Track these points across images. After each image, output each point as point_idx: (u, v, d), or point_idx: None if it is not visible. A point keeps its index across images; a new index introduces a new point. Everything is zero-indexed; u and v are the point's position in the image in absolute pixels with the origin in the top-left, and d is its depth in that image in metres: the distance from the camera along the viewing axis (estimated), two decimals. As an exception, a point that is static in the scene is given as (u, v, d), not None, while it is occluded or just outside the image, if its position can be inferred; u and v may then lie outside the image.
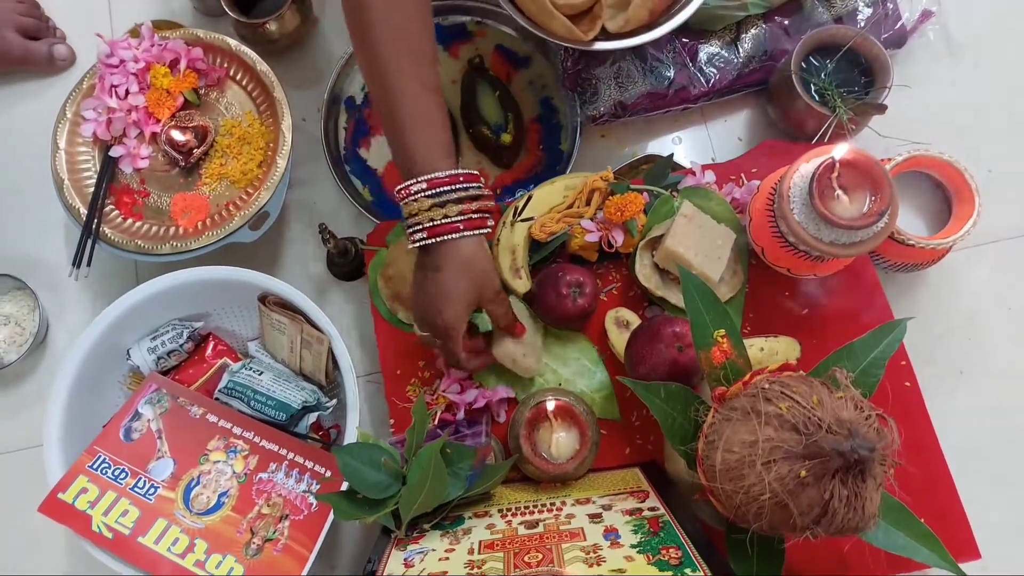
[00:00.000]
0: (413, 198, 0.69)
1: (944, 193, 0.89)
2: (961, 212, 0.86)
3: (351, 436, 0.78)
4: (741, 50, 0.94)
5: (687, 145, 0.97)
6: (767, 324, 0.85)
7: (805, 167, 0.74)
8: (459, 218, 0.69)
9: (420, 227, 0.70)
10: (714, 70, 0.94)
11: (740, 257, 0.84)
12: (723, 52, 0.94)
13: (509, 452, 0.78)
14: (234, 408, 0.84)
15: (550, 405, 0.74)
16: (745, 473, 0.57)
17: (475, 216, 0.70)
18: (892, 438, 0.55)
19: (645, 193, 0.82)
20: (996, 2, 1.00)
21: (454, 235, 0.69)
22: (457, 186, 0.69)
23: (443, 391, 0.82)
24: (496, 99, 0.96)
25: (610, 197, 0.81)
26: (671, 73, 0.93)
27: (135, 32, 0.92)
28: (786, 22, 0.95)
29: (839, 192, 0.73)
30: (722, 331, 0.67)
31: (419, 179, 0.69)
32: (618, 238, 0.81)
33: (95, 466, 0.80)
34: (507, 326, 0.77)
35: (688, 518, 0.65)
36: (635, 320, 0.83)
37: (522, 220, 0.83)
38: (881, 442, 0.55)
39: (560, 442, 0.75)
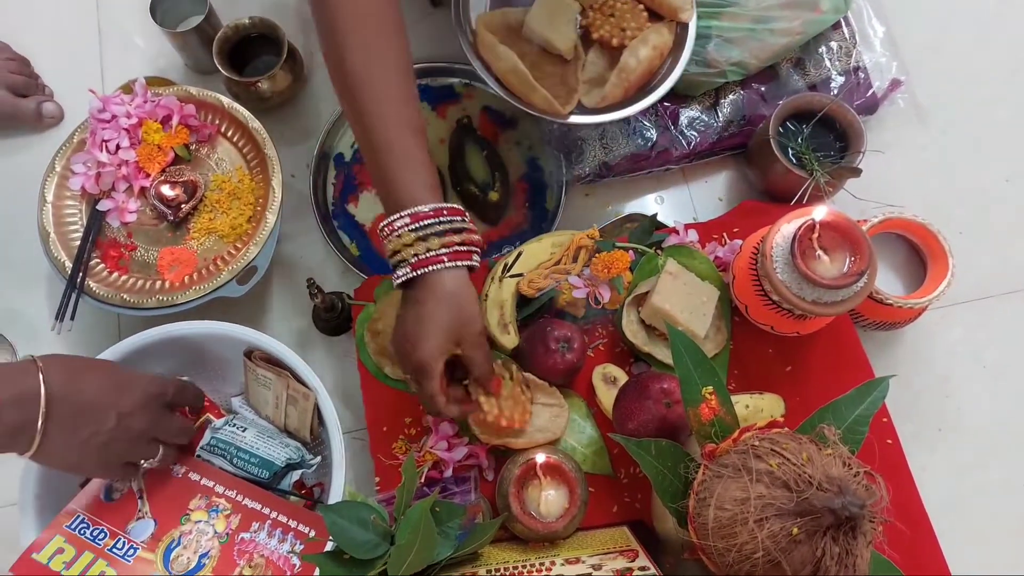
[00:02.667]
0: (396, 233, 0.68)
1: (919, 254, 0.92)
2: (936, 273, 0.89)
3: (336, 494, 0.77)
4: (720, 114, 0.98)
5: (669, 204, 0.99)
6: (751, 381, 0.86)
7: (787, 227, 0.77)
8: (443, 251, 0.68)
9: (404, 263, 0.68)
10: (695, 133, 0.97)
11: (724, 314, 0.86)
12: (703, 116, 0.98)
13: (497, 510, 0.77)
14: (216, 466, 0.83)
15: (540, 460, 0.74)
16: (737, 531, 0.57)
17: (460, 248, 0.68)
18: (881, 495, 0.56)
19: (631, 251, 0.84)
20: (960, 72, 1.04)
21: (437, 266, 0.67)
22: (441, 219, 0.68)
23: (431, 448, 0.81)
24: (483, 158, 0.98)
25: (597, 255, 0.82)
26: (653, 135, 0.96)
27: (128, 88, 0.93)
28: (763, 88, 0.99)
29: (820, 252, 0.75)
30: (710, 388, 0.68)
31: (402, 214, 0.68)
32: (605, 295, 0.82)
33: (72, 526, 0.77)
34: (482, 376, 0.73)
35: (679, 578, 0.64)
36: (622, 376, 0.84)
37: (511, 276, 0.84)
38: (871, 499, 0.55)
39: (549, 500, 0.75)
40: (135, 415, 0.67)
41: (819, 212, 0.74)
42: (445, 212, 0.69)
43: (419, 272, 0.68)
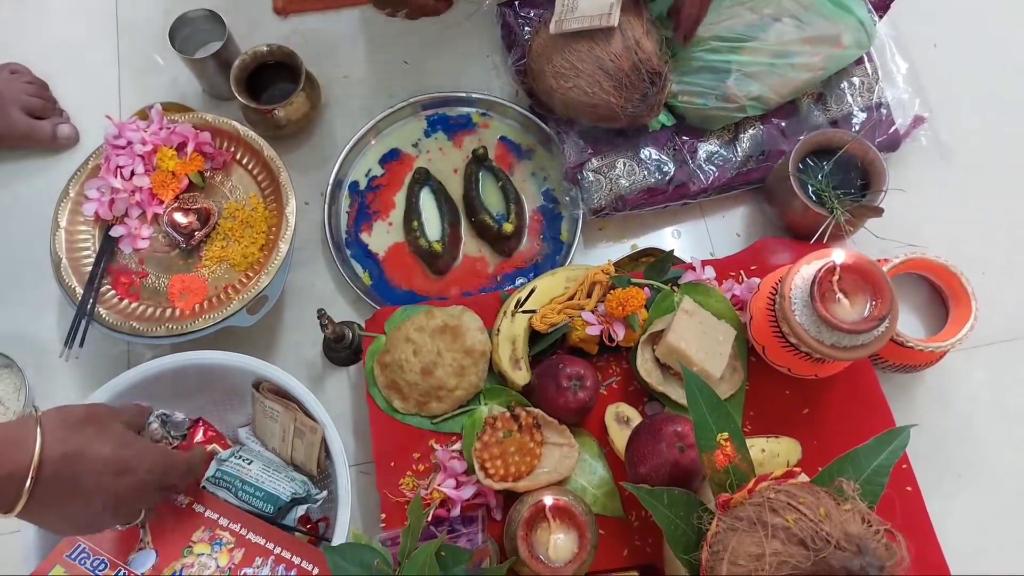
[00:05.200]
0: None
1: (941, 296, 0.90)
2: (958, 315, 0.87)
3: (341, 530, 0.75)
4: (739, 149, 0.96)
5: (686, 239, 0.98)
6: (767, 423, 0.84)
7: (806, 269, 0.75)
8: None
9: None
10: (713, 168, 0.96)
11: (740, 354, 0.84)
12: (722, 151, 0.96)
13: (504, 552, 0.76)
14: (220, 498, 0.82)
15: (548, 502, 0.72)
16: (752, 588, 0.56)
17: None
18: (901, 556, 0.54)
19: (646, 288, 0.82)
20: (984, 109, 1.03)
21: None
22: None
23: (438, 486, 0.80)
24: (499, 189, 0.97)
25: (611, 291, 0.81)
26: (671, 169, 0.95)
27: (144, 114, 0.93)
28: (783, 124, 0.97)
29: (840, 296, 0.73)
30: (725, 434, 0.67)
31: None
32: (619, 332, 0.81)
33: (73, 556, 0.77)
34: None
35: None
36: (636, 417, 0.82)
37: (523, 311, 0.83)
38: (890, 560, 0.53)
39: (559, 544, 0.73)
40: (129, 500, 0.65)
41: (839, 255, 0.73)
42: None
43: None
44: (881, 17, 1.00)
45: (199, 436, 0.86)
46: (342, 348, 0.91)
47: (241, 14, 1.02)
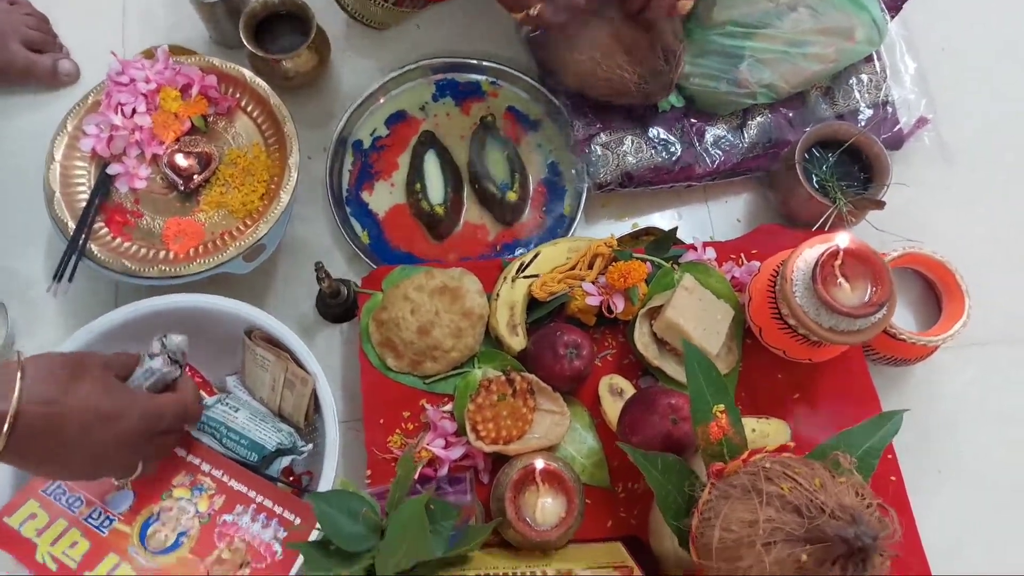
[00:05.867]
0: None
1: (935, 292, 0.91)
2: (951, 311, 0.87)
3: (327, 484, 0.74)
4: (746, 135, 0.97)
5: (687, 221, 0.98)
6: (758, 405, 0.84)
7: (809, 252, 0.75)
8: None
9: None
10: (719, 152, 0.96)
11: (736, 335, 0.84)
12: (729, 136, 0.97)
13: (491, 514, 0.75)
14: (204, 444, 0.81)
15: (539, 466, 0.72)
16: (743, 554, 0.56)
17: None
18: (894, 528, 0.54)
19: (647, 263, 0.82)
20: (989, 113, 1.04)
21: None
22: None
23: (427, 445, 0.79)
24: (504, 158, 0.97)
25: (613, 263, 0.81)
26: (678, 150, 0.95)
27: (149, 53, 0.92)
28: (790, 114, 0.98)
29: (841, 280, 0.74)
30: (721, 406, 0.67)
31: None
32: (619, 304, 0.81)
33: (48, 491, 0.75)
34: None
35: (675, 598, 0.62)
36: (630, 389, 0.82)
37: (525, 276, 0.82)
38: (883, 532, 0.54)
39: (546, 508, 0.73)
40: (119, 451, 0.64)
41: (843, 239, 0.73)
42: None
43: None
44: (893, 17, 1.01)
45: (185, 381, 0.85)
46: (337, 304, 0.90)
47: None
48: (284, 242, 0.93)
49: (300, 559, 0.73)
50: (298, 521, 0.76)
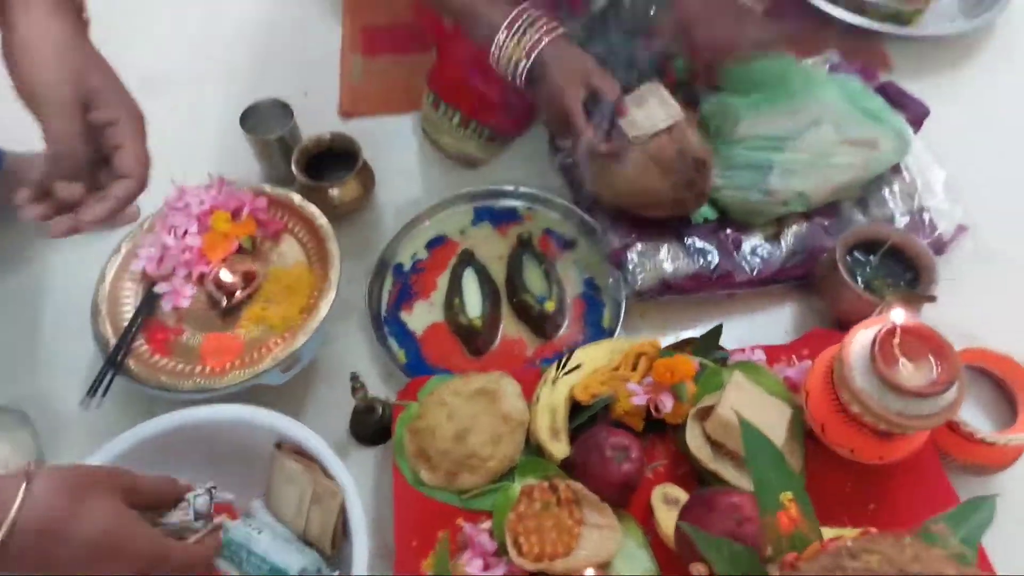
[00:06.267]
0: (502, 51, 0.88)
1: (1005, 391, 0.85)
2: (1028, 409, 0.81)
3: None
4: (783, 244, 0.96)
5: (731, 334, 0.93)
6: (829, 516, 0.76)
7: (864, 334, 0.72)
8: (537, 34, 0.86)
9: (519, 62, 0.87)
10: (758, 259, 0.95)
11: (796, 436, 0.79)
12: (766, 245, 0.96)
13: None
14: (222, 572, 0.75)
15: (589, 574, 0.65)
16: (829, 640, 0.48)
17: (547, 27, 0.87)
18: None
19: (694, 361, 0.79)
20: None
21: (541, 43, 0.86)
22: (524, 17, 0.87)
23: (464, 565, 0.72)
24: (542, 272, 0.97)
25: (659, 359, 0.78)
26: (715, 259, 0.94)
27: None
28: (826, 223, 0.98)
29: (902, 360, 0.70)
30: (789, 494, 0.61)
31: (497, 36, 0.87)
32: (667, 403, 0.77)
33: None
34: (611, 93, 0.87)
35: None
36: (685, 497, 0.75)
37: (566, 373, 0.79)
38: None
39: (598, 625, 0.65)
40: None
41: (898, 315, 0.70)
42: (522, 12, 0.87)
43: (531, 57, 0.87)
44: (916, 132, 1.03)
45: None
46: (371, 422, 0.87)
47: (307, 114, 1.07)
48: (320, 364, 0.93)
49: None
50: (323, 651, 0.69)
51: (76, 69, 0.63)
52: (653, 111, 0.90)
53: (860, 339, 0.72)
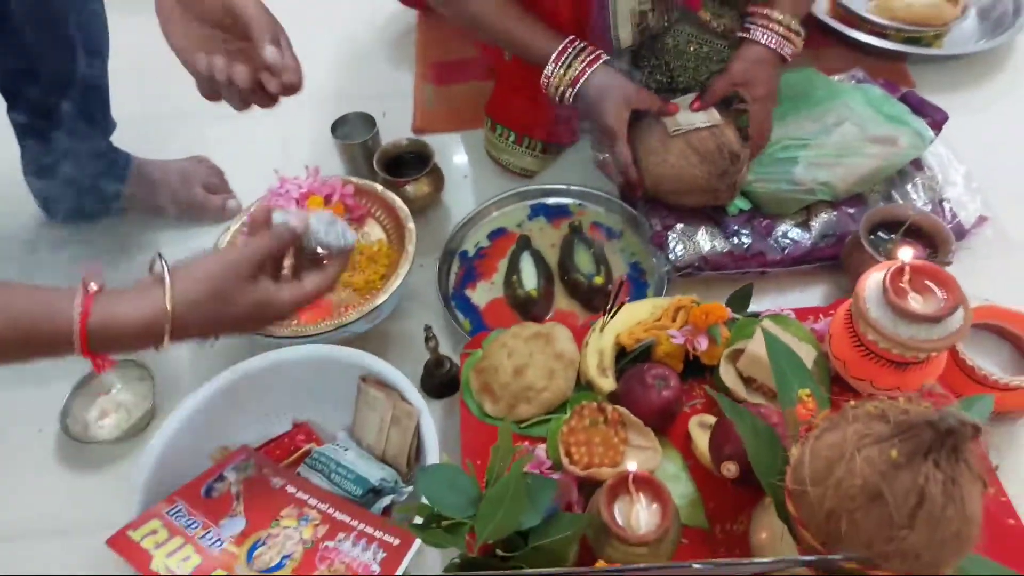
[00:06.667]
0: (551, 79, 1.01)
1: (1019, 345, 0.91)
2: (1043, 359, 0.87)
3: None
4: (812, 230, 1.06)
5: (763, 308, 1.03)
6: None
7: (876, 275, 0.81)
8: (582, 65, 0.99)
9: (567, 89, 1.00)
10: (789, 241, 1.05)
11: (822, 379, 0.86)
12: (796, 229, 1.06)
13: (585, 540, 0.75)
14: (313, 483, 0.86)
15: (631, 468, 0.73)
16: (835, 471, 0.56)
17: (590, 58, 1.00)
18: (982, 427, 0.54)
19: (728, 310, 0.88)
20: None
21: (585, 74, 0.99)
22: (570, 50, 1.00)
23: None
24: (591, 255, 1.09)
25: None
26: (750, 240, 1.04)
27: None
28: (852, 211, 1.07)
29: (912, 294, 0.78)
30: (807, 390, 0.69)
31: (547, 67, 1.00)
32: (703, 343, 0.86)
33: (171, 512, 0.81)
34: (651, 102, 1.02)
35: None
36: (719, 423, 0.84)
37: (611, 315, 0.90)
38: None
39: (641, 516, 0.72)
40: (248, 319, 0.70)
41: (906, 254, 0.79)
42: (568, 46, 1.00)
43: (577, 86, 1.00)
44: (937, 134, 1.13)
45: (301, 436, 0.93)
46: (440, 375, 0.98)
47: (385, 131, 1.23)
48: (395, 333, 1.05)
49: (400, 569, 0.74)
50: (397, 542, 0.78)
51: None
52: (694, 116, 1.03)
53: (874, 277, 0.81)
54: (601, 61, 1.00)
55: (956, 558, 0.55)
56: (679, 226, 1.05)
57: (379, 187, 1.08)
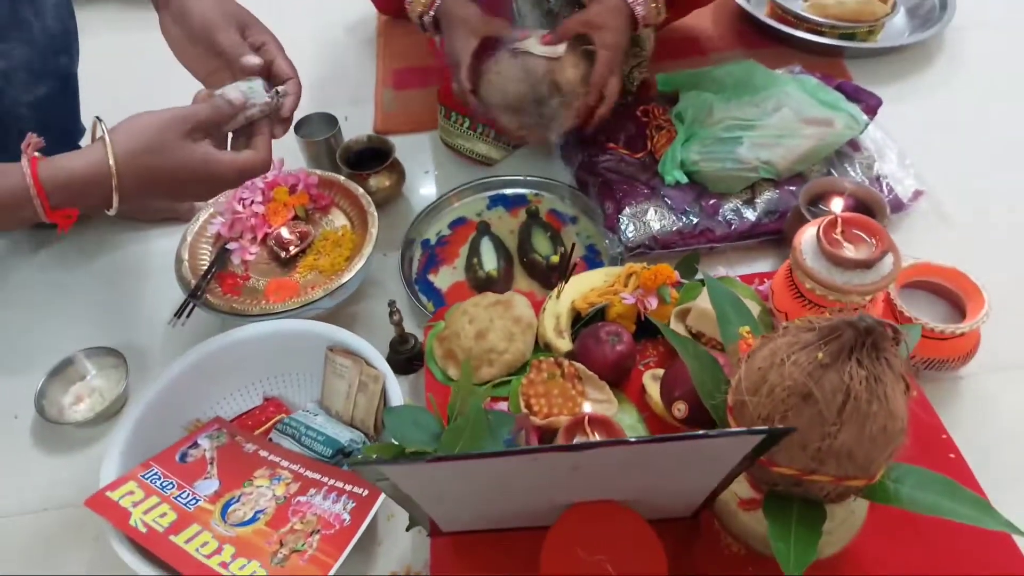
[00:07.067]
0: (412, 4, 1.08)
1: (955, 302, 0.97)
2: (974, 309, 0.93)
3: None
4: (757, 207, 1.12)
5: None
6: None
7: (811, 229, 0.86)
8: None
9: (424, 13, 1.06)
10: (735, 218, 1.11)
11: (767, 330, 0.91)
12: (741, 208, 1.12)
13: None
14: (284, 447, 0.88)
15: (587, 409, 0.77)
16: (769, 378, 0.60)
17: None
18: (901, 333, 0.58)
19: (676, 273, 0.93)
20: (980, 181, 1.18)
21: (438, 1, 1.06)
22: None
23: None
24: (548, 238, 1.13)
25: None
26: (697, 218, 1.10)
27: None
28: (793, 188, 1.13)
29: (846, 244, 0.84)
30: (747, 327, 0.74)
31: None
32: (652, 303, 0.91)
33: (147, 476, 0.83)
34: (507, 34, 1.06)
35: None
36: (670, 376, 0.88)
37: (566, 281, 0.94)
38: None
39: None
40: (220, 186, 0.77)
41: (837, 205, 0.85)
42: None
43: (432, 10, 1.07)
44: (872, 118, 1.21)
45: (271, 409, 0.95)
46: (405, 351, 1.01)
47: (347, 131, 1.28)
48: (361, 315, 1.08)
49: (365, 522, 0.77)
50: (365, 493, 0.81)
51: (231, 11, 0.85)
52: (541, 47, 1.07)
53: (810, 230, 0.86)
54: None
55: (885, 454, 0.60)
56: (628, 209, 1.11)
57: (341, 178, 1.13)
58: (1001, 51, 1.44)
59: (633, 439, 0.58)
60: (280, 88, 0.83)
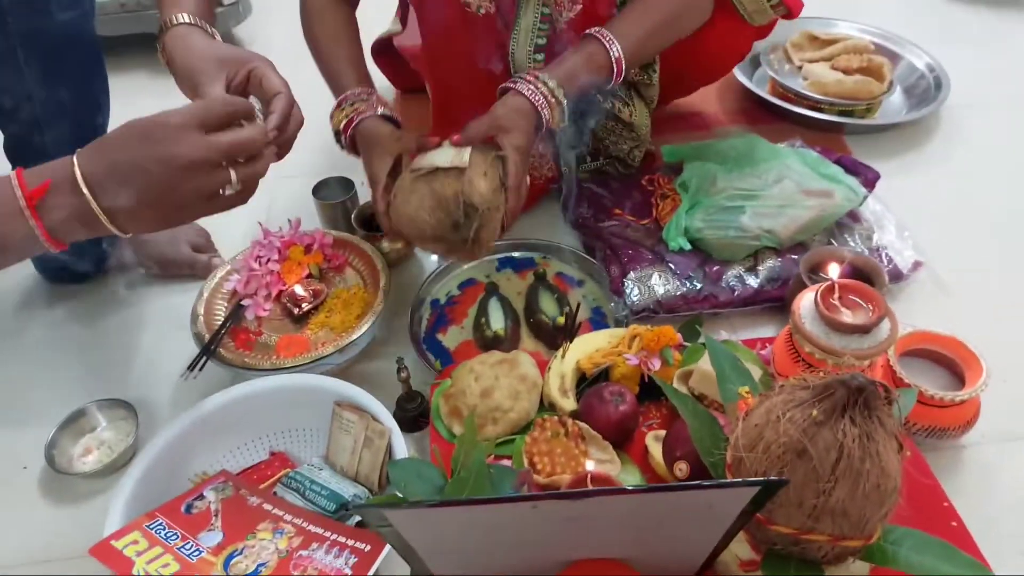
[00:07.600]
0: (332, 120, 1.08)
1: (953, 367, 0.98)
2: (972, 377, 0.94)
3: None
4: (760, 274, 1.15)
5: None
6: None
7: (809, 294, 0.89)
8: (355, 112, 1.05)
9: (339, 132, 1.06)
10: (738, 284, 1.13)
11: (768, 396, 0.93)
12: (744, 275, 1.15)
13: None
14: (288, 500, 0.89)
15: (590, 467, 0.78)
16: (765, 435, 0.62)
17: (365, 107, 1.06)
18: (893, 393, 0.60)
19: (679, 335, 0.95)
20: (977, 252, 1.21)
21: (354, 122, 1.05)
22: (351, 97, 1.07)
23: (488, 497, 0.86)
24: (555, 300, 1.16)
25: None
26: (701, 284, 1.13)
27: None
28: (795, 257, 1.16)
29: (843, 310, 0.86)
30: (746, 387, 0.76)
31: (335, 104, 1.08)
32: (655, 364, 0.92)
33: (151, 526, 0.84)
34: (417, 144, 1.01)
35: None
36: (673, 437, 0.89)
37: (570, 340, 0.96)
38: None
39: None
40: (179, 152, 0.68)
41: (834, 271, 0.87)
42: (353, 93, 1.07)
43: (348, 132, 1.06)
44: (870, 191, 1.25)
45: (277, 464, 0.96)
46: (411, 409, 1.02)
47: (363, 196, 1.33)
48: (369, 373, 1.10)
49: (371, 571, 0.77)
50: (368, 548, 0.81)
51: (215, 56, 0.86)
52: (443, 155, 0.97)
53: (808, 296, 0.89)
54: (376, 113, 1.05)
55: (879, 513, 0.61)
56: (632, 273, 1.14)
57: (355, 238, 1.17)
58: (994, 128, 1.50)
59: (631, 487, 0.59)
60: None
